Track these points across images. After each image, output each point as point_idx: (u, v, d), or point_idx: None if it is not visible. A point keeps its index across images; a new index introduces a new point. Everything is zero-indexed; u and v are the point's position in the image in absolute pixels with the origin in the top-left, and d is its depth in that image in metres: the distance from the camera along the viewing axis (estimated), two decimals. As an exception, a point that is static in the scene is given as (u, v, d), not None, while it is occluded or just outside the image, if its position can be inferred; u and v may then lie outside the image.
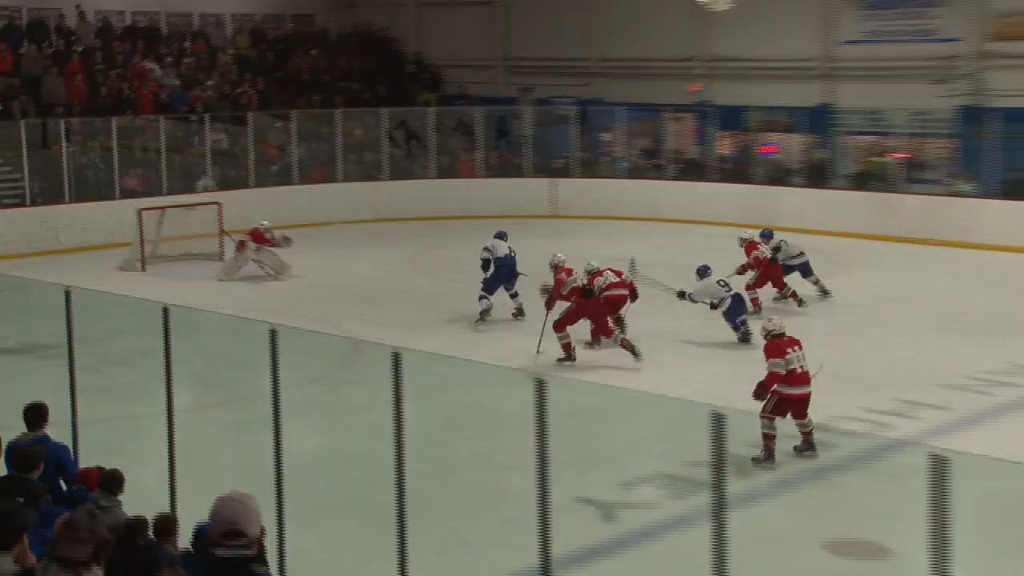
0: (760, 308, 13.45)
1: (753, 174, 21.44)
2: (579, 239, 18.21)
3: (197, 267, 17.07)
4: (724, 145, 22.41)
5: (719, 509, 3.81)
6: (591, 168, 22.91)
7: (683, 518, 7.87)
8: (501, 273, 13.73)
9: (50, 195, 19.18)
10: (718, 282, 12.58)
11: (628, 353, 11.56)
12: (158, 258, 17.42)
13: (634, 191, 21.93)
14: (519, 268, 13.64)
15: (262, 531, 3.61)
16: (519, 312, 13.57)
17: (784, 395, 8.86)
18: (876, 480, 8.59)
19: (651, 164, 22.82)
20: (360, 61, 25.56)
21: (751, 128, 21.72)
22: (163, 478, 6.59)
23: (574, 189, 22.21)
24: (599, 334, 12.01)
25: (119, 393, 10.72)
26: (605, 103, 23.39)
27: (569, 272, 12.14)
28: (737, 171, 21.63)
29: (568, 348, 11.72)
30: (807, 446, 8.99)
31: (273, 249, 16.59)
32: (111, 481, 6.00)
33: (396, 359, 5.16)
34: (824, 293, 14.51)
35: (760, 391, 8.90)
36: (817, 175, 20.82)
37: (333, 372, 11.84)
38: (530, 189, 22.34)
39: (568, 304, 11.86)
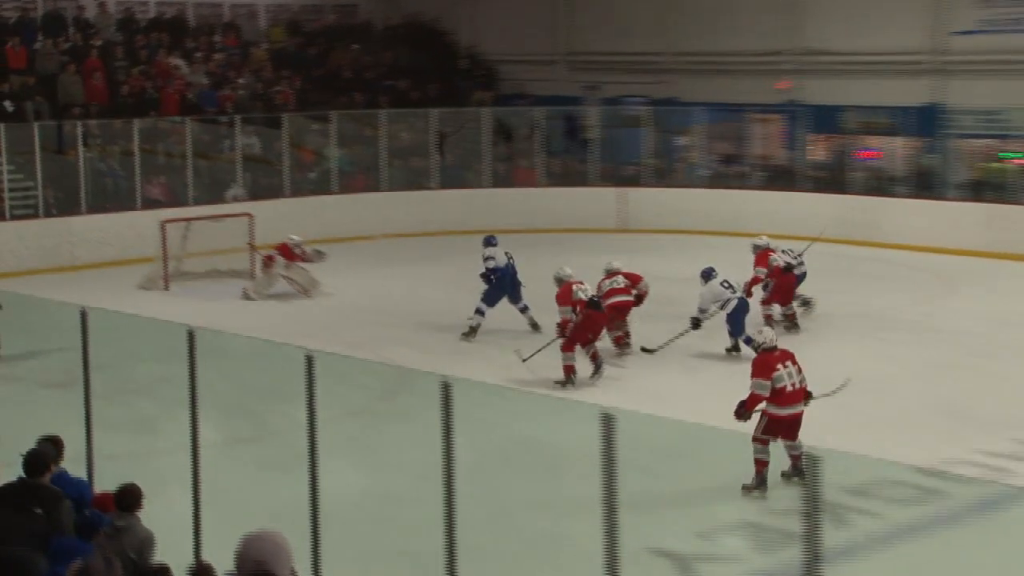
0: (771, 326, 13.33)
1: (850, 183, 21.23)
2: (650, 256, 18.15)
3: (226, 285, 17.28)
4: (817, 150, 22.23)
5: (812, 564, 3.77)
6: (665, 176, 22.86)
7: (770, 574, 7.78)
8: (504, 284, 14.14)
9: (65, 205, 19.55)
10: (722, 283, 13.04)
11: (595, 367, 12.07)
12: (183, 275, 17.67)
13: (713, 202, 21.83)
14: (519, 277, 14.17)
15: (293, 573, 3.62)
16: (535, 326, 13.91)
17: (773, 416, 9.07)
18: (994, 534, 8.46)
19: (733, 171, 22.71)
20: (407, 57, 25.80)
21: (848, 130, 21.54)
22: (187, 520, 6.65)
23: (645, 199, 22.17)
24: (584, 343, 12.14)
25: (139, 425, 10.86)
26: (681, 103, 23.35)
27: (567, 291, 12.24)
28: (832, 180, 21.44)
29: (569, 371, 11.99)
30: (795, 472, 9.15)
31: (304, 265, 16.84)
32: (127, 497, 6.03)
33: (446, 390, 5.17)
34: (806, 305, 14.75)
35: (741, 411, 9.13)
36: (924, 184, 20.58)
37: (375, 404, 11.89)
38: (596, 199, 22.35)
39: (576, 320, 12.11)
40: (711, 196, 21.97)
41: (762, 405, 9.15)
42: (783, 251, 14.52)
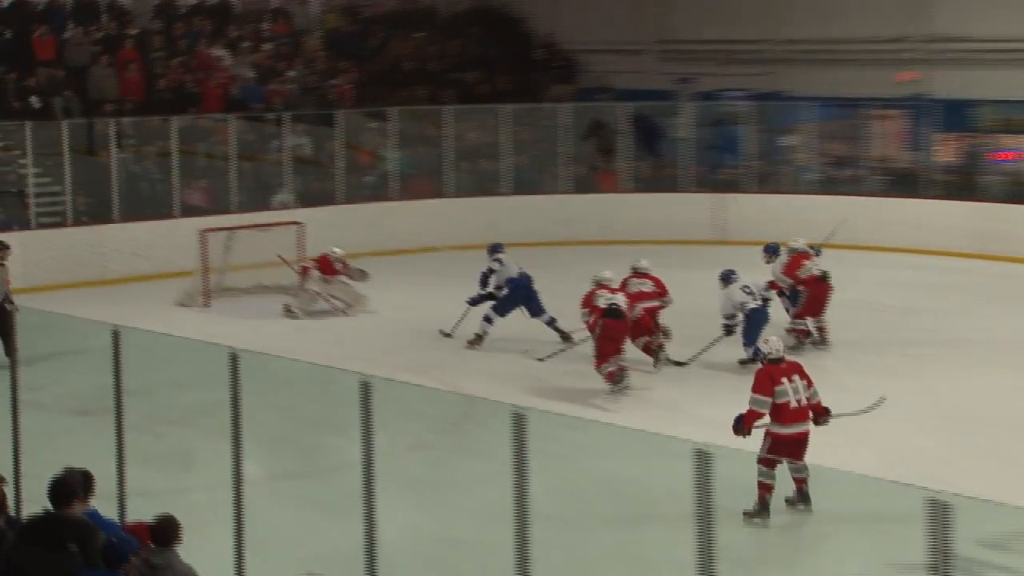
0: (804, 342, 14.31)
1: (983, 188, 20.91)
2: (751, 271, 17.92)
3: (272, 302, 17.44)
4: (945, 151, 21.93)
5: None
6: (768, 181, 22.71)
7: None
8: (517, 295, 15.00)
9: (96, 212, 19.88)
10: (743, 288, 13.62)
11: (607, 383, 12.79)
12: (225, 291, 17.88)
13: (825, 209, 21.52)
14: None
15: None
16: (565, 337, 14.67)
17: (776, 435, 9.37)
18: None
19: (847, 176, 22.48)
20: (476, 46, 25.91)
21: (981, 129, 21.22)
22: (227, 565, 6.70)
23: (746, 207, 22.06)
24: (612, 354, 12.87)
25: (176, 459, 10.98)
26: (788, 97, 23.18)
27: (591, 296, 13.07)
28: (962, 184, 21.15)
29: (613, 377, 12.80)
30: (800, 497, 9.38)
31: (347, 279, 17.07)
32: (164, 530, 6.07)
33: (519, 422, 5.16)
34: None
35: (739, 427, 9.43)
36: (1070, 190, 20.25)
37: (439, 436, 11.91)
38: (690, 207, 22.24)
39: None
40: (821, 204, 21.70)
41: (764, 422, 9.43)
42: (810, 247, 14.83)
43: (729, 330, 13.71)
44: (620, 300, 13.07)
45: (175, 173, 20.30)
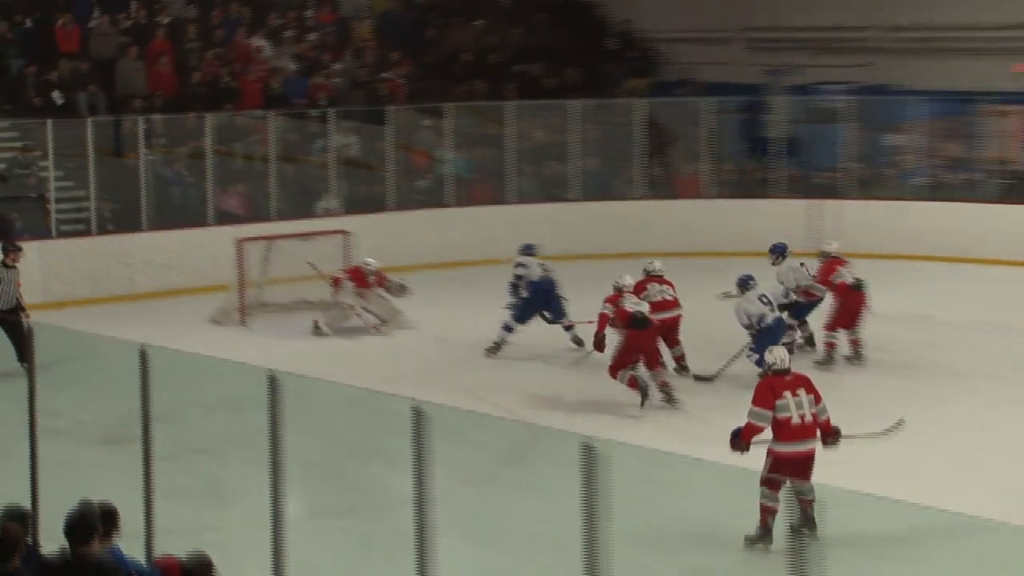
0: (833, 357, 14.79)
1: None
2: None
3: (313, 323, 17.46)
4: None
5: None
6: (871, 185, 22.55)
7: None
8: (536, 299, 15.62)
9: (123, 220, 20.03)
10: (760, 297, 13.87)
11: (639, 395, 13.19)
12: (264, 307, 17.99)
13: (934, 218, 21.42)
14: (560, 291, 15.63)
15: None
16: (578, 343, 15.35)
17: (776, 454, 9.57)
18: None
19: (960, 180, 22.25)
20: (542, 36, 25.94)
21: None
22: (265, 610, 6.74)
23: (845, 215, 21.92)
24: (654, 367, 13.44)
25: (209, 492, 11.04)
26: (893, 91, 23.03)
27: (617, 297, 13.61)
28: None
29: (633, 383, 13.22)
30: (806, 522, 9.35)
31: (383, 293, 17.21)
32: (199, 570, 6.11)
33: (588, 454, 5.15)
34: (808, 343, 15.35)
35: (736, 442, 9.69)
36: None
37: (498, 469, 11.89)
38: (782, 214, 22.08)
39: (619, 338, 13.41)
40: (931, 211, 21.55)
41: (765, 437, 9.60)
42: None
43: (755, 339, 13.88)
44: (644, 308, 13.59)
45: (209, 176, 20.43)
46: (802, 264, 15.41)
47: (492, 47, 25.35)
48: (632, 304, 13.53)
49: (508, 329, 15.69)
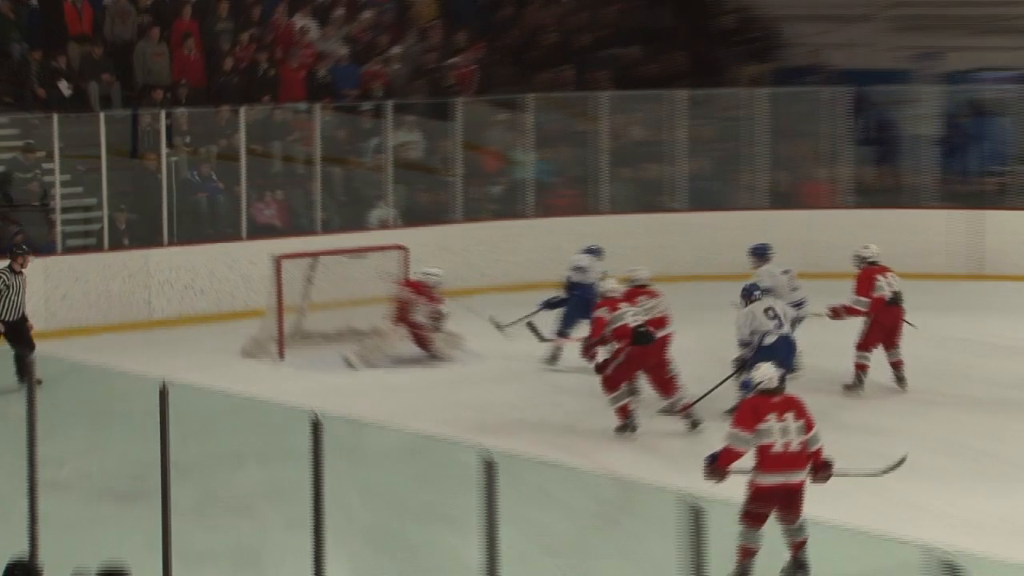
0: (862, 380, 15.40)
1: None
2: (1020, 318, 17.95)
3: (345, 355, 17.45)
4: None
5: None
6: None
7: None
8: (583, 306, 16.23)
9: (140, 233, 20.10)
10: (767, 311, 14.33)
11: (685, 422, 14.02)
12: (305, 337, 18.04)
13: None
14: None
15: None
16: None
17: (757, 487, 9.82)
18: None
19: None
20: (641, 14, 25.93)
21: None
22: None
23: (1013, 228, 21.75)
24: (668, 392, 14.25)
25: (238, 557, 11.03)
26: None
27: (615, 306, 14.32)
28: None
29: (625, 412, 13.99)
30: (796, 567, 9.70)
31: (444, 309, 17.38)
32: None
33: (695, 516, 5.12)
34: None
35: (712, 468, 10.04)
36: None
37: (585, 535, 11.84)
38: (932, 227, 21.98)
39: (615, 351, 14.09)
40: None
41: (744, 465, 9.86)
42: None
43: (742, 364, 14.16)
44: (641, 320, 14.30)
45: (243, 181, 20.50)
46: (787, 272, 15.87)
47: (580, 27, 25.36)
48: (632, 316, 14.21)
49: (564, 336, 16.80)
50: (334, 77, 22.76)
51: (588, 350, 14.58)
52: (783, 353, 13.95)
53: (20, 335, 15.77)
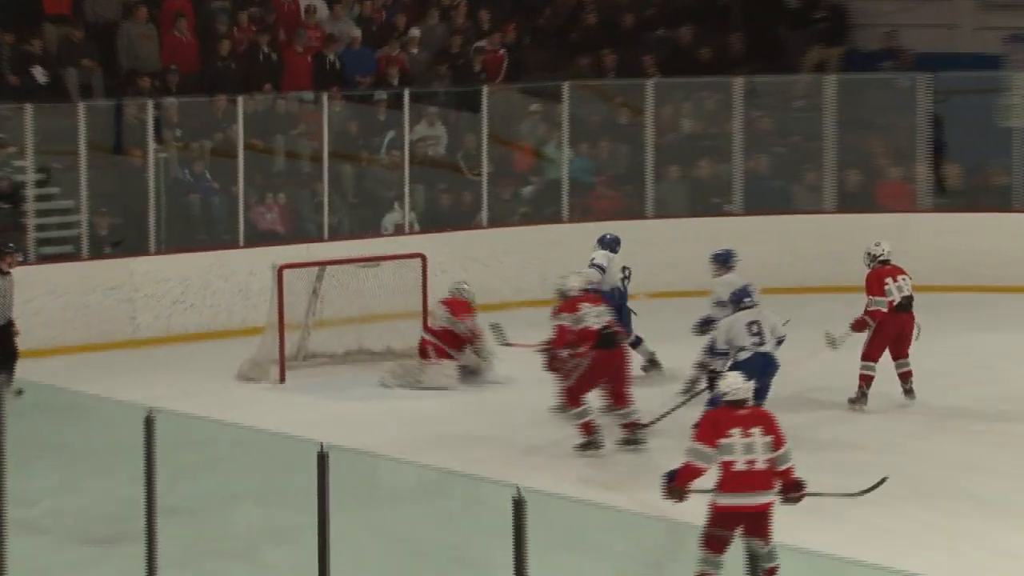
0: (866, 394, 15.92)
1: None
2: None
3: (381, 373, 17.56)
4: None
5: None
6: None
7: None
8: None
9: (124, 239, 20.19)
10: (749, 325, 14.67)
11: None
12: (311, 358, 18.11)
13: None
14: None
15: None
16: (652, 365, 17.33)
17: (717, 508, 10.06)
18: None
19: None
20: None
21: None
22: None
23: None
24: (622, 404, 14.78)
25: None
26: None
27: (573, 308, 14.76)
28: None
29: (590, 428, 14.59)
30: None
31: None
32: None
33: (752, 564, 5.11)
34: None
35: (670, 486, 10.37)
36: None
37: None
38: (1024, 235, 21.94)
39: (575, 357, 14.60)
40: None
41: (704, 483, 10.13)
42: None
43: (712, 376, 14.59)
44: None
45: (241, 181, 20.51)
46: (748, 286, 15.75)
47: (624, 6, 25.33)
48: (595, 317, 14.69)
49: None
50: (345, 62, 22.71)
51: (553, 361, 14.96)
52: (758, 371, 14.22)
53: (5, 341, 15.85)
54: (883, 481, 11.46)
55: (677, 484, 10.31)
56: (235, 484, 13.43)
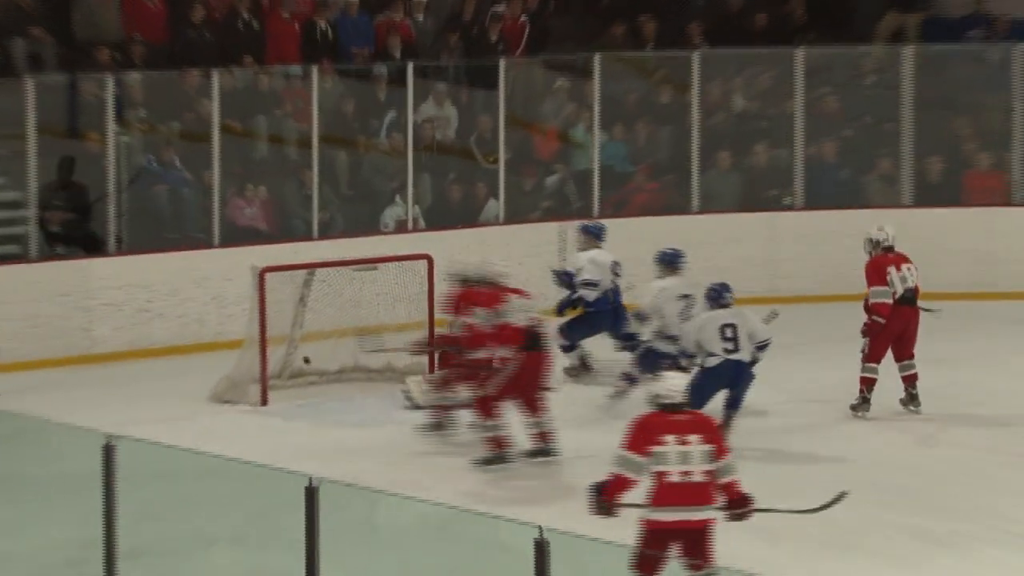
0: (867, 399, 16.32)
1: None
2: None
3: (379, 395, 17.64)
4: None
5: None
6: None
7: None
8: (602, 316, 17.51)
9: (79, 238, 20.24)
10: (723, 328, 15.08)
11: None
12: (297, 376, 18.15)
13: None
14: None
15: None
16: (583, 367, 17.89)
17: (650, 524, 10.20)
18: None
19: None
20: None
21: None
22: None
23: None
24: (536, 412, 15.11)
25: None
26: None
27: (495, 299, 15.11)
28: None
29: (501, 443, 14.96)
30: None
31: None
32: None
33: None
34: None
35: (597, 501, 10.47)
36: None
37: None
38: None
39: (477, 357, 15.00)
40: None
41: (638, 497, 10.23)
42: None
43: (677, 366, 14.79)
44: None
45: (216, 171, 20.60)
46: (687, 296, 16.41)
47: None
48: (522, 317, 15.06)
49: (569, 348, 17.97)
50: (339, 32, 22.78)
51: (457, 366, 15.64)
52: (727, 380, 14.98)
53: None
54: (842, 496, 11.31)
55: (605, 497, 10.39)
56: (209, 523, 13.43)
